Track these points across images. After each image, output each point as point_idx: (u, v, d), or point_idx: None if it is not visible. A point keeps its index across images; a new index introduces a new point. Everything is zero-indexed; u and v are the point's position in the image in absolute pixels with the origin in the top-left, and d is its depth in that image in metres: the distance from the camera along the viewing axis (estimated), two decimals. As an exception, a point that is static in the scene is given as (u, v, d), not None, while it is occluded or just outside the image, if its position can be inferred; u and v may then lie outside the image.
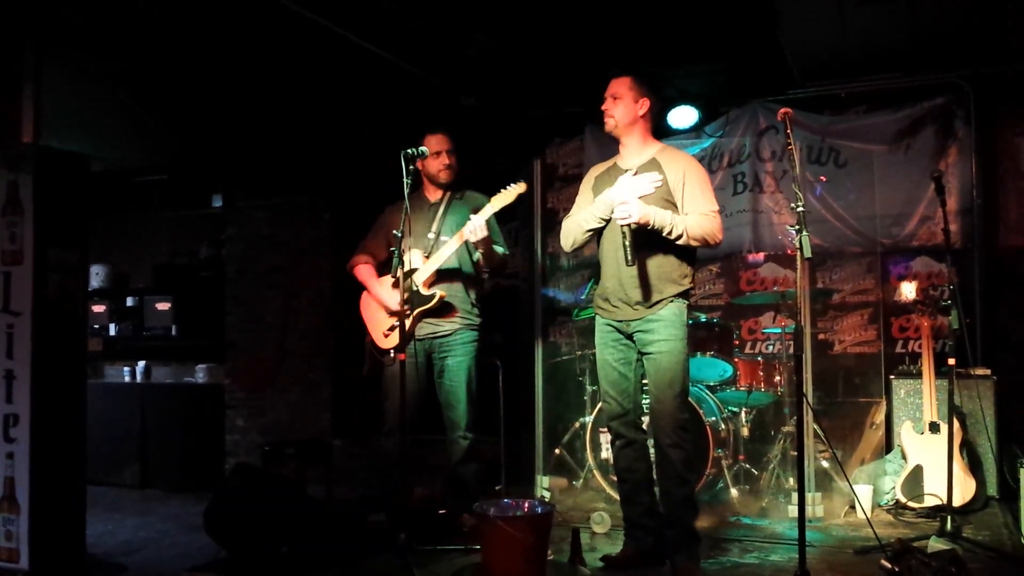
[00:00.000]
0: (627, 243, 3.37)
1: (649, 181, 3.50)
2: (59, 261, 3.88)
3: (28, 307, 3.78)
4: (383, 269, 4.26)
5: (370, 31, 4.56)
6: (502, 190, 3.96)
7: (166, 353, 7.04)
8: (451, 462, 4.20)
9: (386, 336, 4.16)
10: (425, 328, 4.12)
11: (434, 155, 4.14)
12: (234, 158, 6.50)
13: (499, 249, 4.18)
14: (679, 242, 3.46)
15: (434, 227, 4.16)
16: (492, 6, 4.46)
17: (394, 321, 4.12)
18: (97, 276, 7.17)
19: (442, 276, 4.12)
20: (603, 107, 3.63)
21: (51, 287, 3.84)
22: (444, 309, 4.12)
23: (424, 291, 4.03)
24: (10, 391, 3.80)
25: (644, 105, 3.62)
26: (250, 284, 6.65)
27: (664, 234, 3.44)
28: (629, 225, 3.37)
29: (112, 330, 7.14)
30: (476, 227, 3.92)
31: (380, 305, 4.20)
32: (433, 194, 4.26)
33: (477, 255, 4.18)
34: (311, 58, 4.98)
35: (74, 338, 4.00)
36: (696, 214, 3.48)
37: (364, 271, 4.28)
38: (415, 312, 4.02)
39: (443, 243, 4.09)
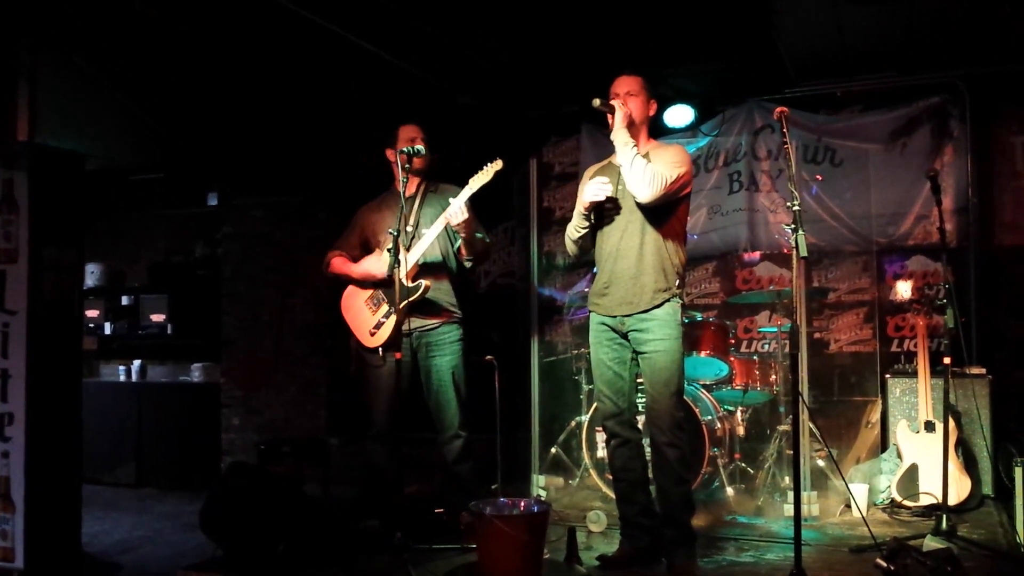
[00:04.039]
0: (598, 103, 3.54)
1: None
2: (54, 259, 3.87)
3: (23, 306, 3.77)
4: None
5: (367, 30, 4.55)
6: (479, 171, 3.94)
7: (162, 352, 7.04)
8: (446, 461, 4.17)
9: (372, 335, 4.11)
10: (412, 323, 4.07)
11: (409, 142, 4.14)
12: (230, 157, 6.48)
13: (480, 235, 4.15)
14: (623, 161, 3.49)
15: (411, 220, 4.14)
16: (490, 6, 4.46)
17: (380, 318, 4.10)
18: (93, 275, 7.15)
19: (424, 270, 4.09)
20: (621, 100, 3.58)
21: (46, 286, 3.83)
22: (429, 303, 4.08)
23: (409, 283, 3.97)
24: (5, 390, 3.78)
25: (653, 107, 3.71)
26: (246, 283, 6.64)
27: (620, 144, 3.51)
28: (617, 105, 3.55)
29: (108, 329, 7.12)
30: (459, 209, 3.89)
31: (367, 279, 4.14)
32: (407, 187, 4.20)
33: (459, 243, 4.14)
34: (307, 57, 4.98)
35: (69, 337, 3.99)
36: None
37: (339, 262, 4.26)
38: (401, 305, 3.91)
39: (422, 235, 4.07)
